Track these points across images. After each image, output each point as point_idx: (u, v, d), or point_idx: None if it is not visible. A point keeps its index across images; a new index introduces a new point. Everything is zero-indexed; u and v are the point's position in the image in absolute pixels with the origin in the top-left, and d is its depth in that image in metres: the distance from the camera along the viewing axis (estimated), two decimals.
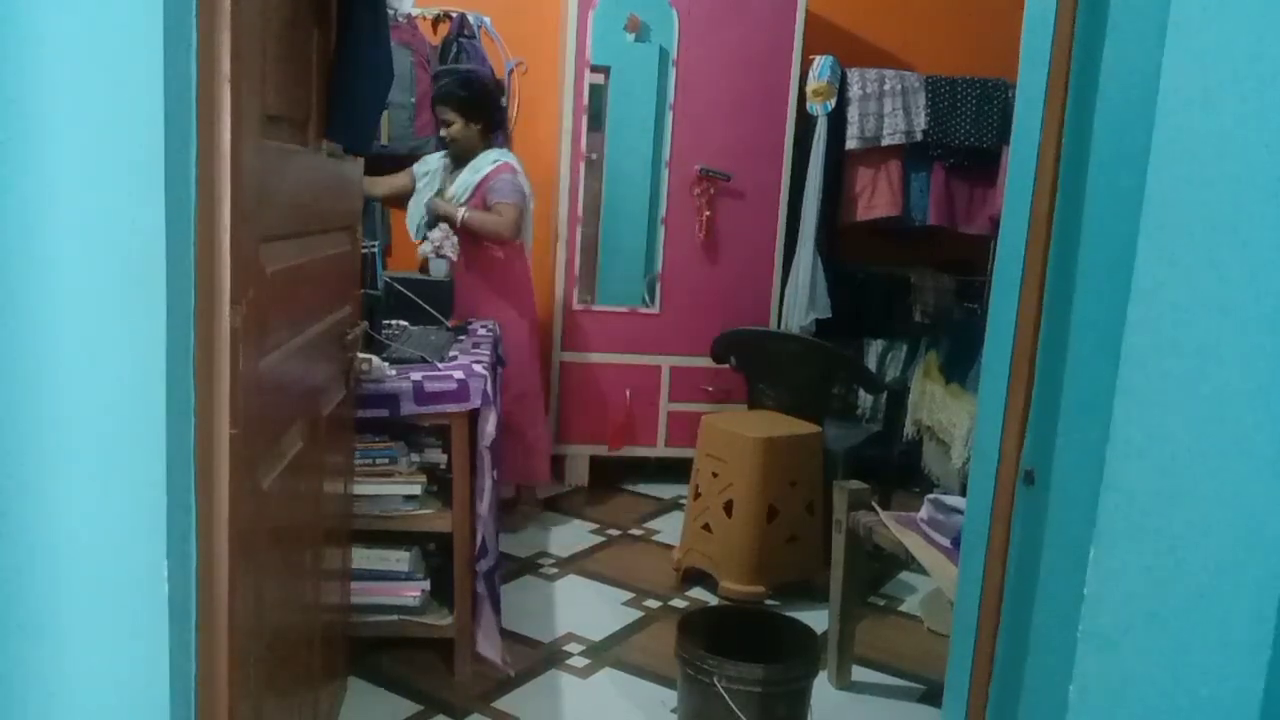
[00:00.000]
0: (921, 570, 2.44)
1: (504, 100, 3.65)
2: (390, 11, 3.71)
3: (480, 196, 3.53)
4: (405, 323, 3.10)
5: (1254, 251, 1.19)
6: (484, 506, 2.56)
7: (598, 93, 4.18)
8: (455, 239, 3.43)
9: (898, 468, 4.10)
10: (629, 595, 3.32)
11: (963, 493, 2.68)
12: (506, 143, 4.17)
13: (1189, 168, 1.18)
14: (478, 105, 3.52)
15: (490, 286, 3.60)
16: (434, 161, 3.69)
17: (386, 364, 2.55)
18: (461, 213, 3.45)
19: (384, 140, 4.00)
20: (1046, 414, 1.39)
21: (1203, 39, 1.16)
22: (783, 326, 4.40)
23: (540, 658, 2.84)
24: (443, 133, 3.56)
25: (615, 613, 3.18)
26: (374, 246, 2.81)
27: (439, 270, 3.39)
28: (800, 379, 3.76)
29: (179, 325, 1.14)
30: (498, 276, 3.62)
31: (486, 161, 3.55)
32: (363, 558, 2.55)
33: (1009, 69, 1.77)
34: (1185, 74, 1.17)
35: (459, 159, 3.59)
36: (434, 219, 3.48)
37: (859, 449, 3.85)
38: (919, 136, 4.45)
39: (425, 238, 3.43)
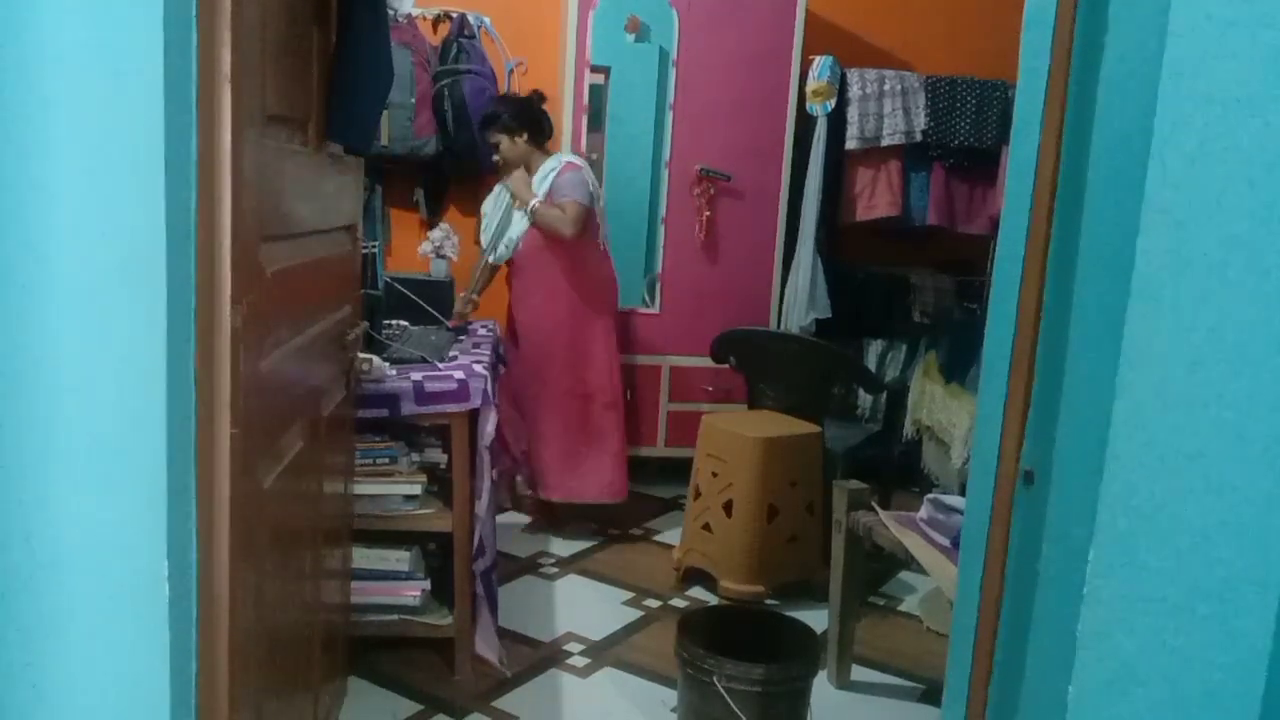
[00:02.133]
0: (921, 570, 2.44)
1: (544, 105, 3.72)
2: (390, 11, 3.71)
3: (550, 200, 3.58)
4: (405, 323, 3.10)
5: (1255, 251, 1.19)
6: (482, 506, 2.56)
7: (598, 93, 4.17)
8: (455, 240, 3.46)
9: (897, 468, 4.09)
10: (629, 595, 3.32)
11: (962, 493, 2.68)
12: None
13: (1189, 167, 1.18)
14: (516, 118, 3.60)
15: (572, 287, 3.64)
16: (497, 190, 3.78)
17: (387, 364, 2.56)
18: (534, 202, 3.55)
19: (384, 140, 4.00)
20: (1046, 414, 1.39)
21: (1203, 38, 1.16)
22: (783, 326, 4.39)
23: (540, 657, 2.84)
24: (494, 157, 3.69)
25: (615, 612, 3.18)
26: (374, 246, 2.82)
27: (439, 270, 3.40)
28: (800, 379, 3.76)
29: (179, 325, 1.14)
30: (579, 277, 3.66)
31: (550, 167, 3.62)
32: (363, 557, 2.55)
33: (1009, 69, 1.77)
34: (1185, 73, 1.17)
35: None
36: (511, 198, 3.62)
37: (859, 449, 3.85)
38: (919, 137, 4.45)
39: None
